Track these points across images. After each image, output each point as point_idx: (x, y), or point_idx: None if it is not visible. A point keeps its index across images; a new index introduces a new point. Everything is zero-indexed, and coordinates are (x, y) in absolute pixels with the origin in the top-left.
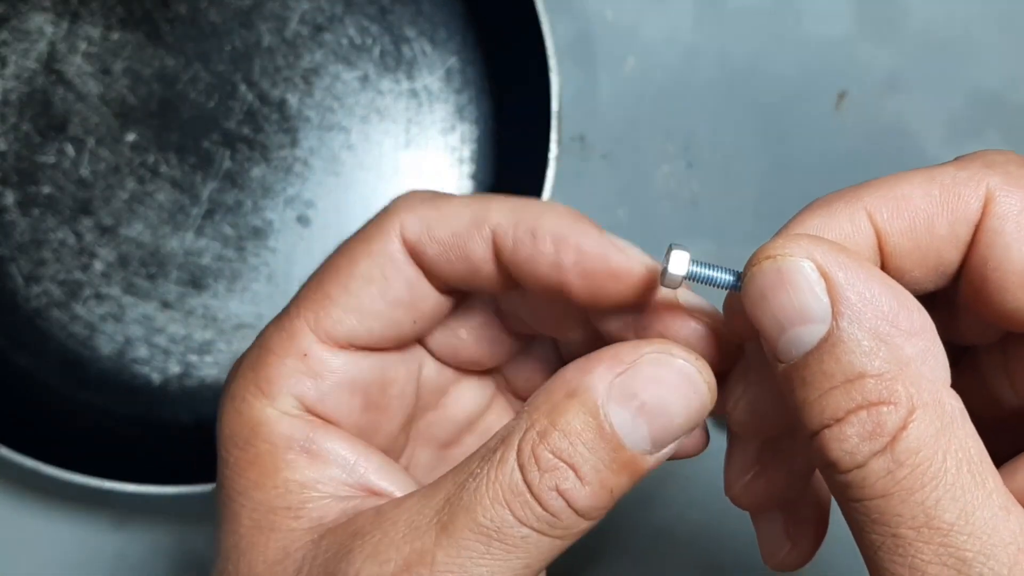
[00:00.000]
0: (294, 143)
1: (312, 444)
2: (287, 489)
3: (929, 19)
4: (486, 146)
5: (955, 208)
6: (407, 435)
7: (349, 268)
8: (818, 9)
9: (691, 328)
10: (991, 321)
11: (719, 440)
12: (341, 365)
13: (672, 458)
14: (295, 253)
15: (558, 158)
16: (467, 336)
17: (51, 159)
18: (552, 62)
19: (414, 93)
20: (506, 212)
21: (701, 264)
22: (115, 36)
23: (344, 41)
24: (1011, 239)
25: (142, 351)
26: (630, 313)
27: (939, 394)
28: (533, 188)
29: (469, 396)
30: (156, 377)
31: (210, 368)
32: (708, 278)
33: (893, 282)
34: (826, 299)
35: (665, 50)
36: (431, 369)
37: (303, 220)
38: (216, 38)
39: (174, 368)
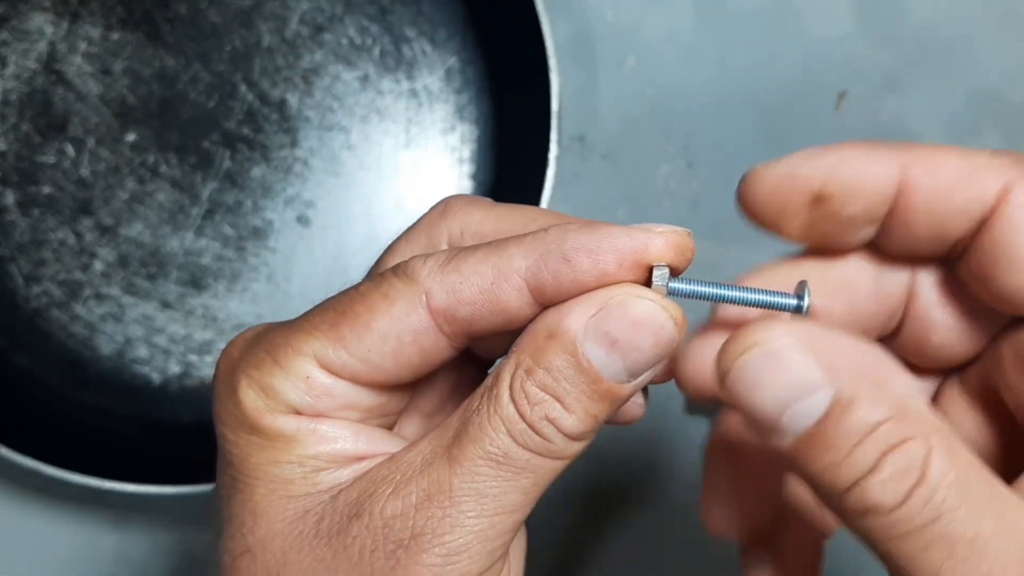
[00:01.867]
0: (294, 143)
1: (318, 427)
2: (301, 463)
3: (928, 19)
4: (486, 146)
5: (975, 186)
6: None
7: (368, 320)
8: (818, 9)
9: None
10: (991, 303)
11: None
12: (340, 392)
13: (611, 422)
14: (295, 253)
15: (558, 158)
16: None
17: (51, 159)
18: (552, 62)
19: (414, 93)
20: (527, 251)
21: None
22: (115, 36)
23: (344, 41)
24: (1020, 225)
25: (142, 351)
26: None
27: (935, 420)
28: (533, 188)
29: (451, 373)
30: (156, 377)
31: (210, 368)
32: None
33: (859, 337)
34: (821, 368)
35: (665, 50)
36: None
37: (303, 220)
38: (216, 38)
39: (174, 368)
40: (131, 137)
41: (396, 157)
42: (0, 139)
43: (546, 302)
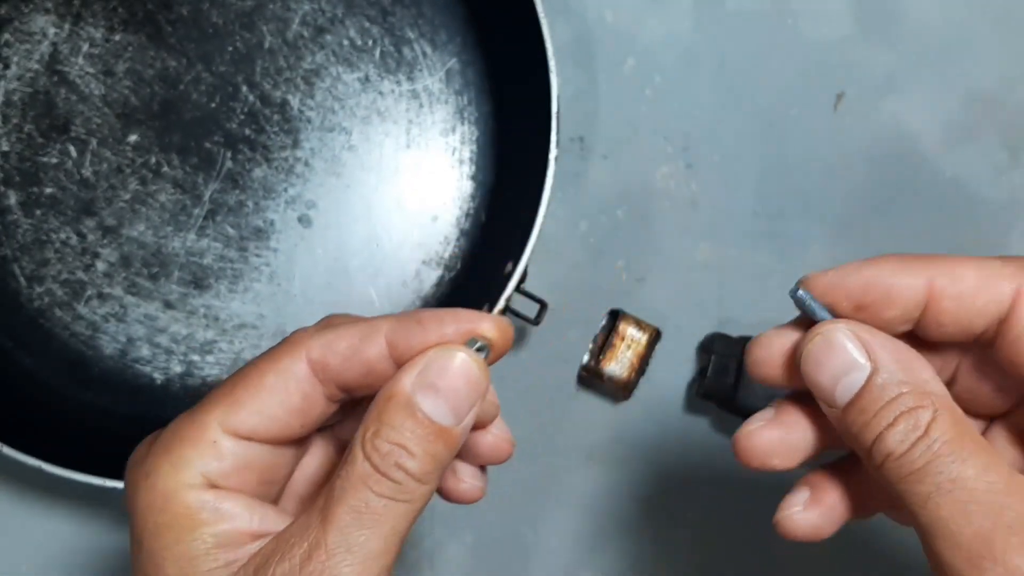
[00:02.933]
0: (295, 144)
1: (220, 504)
2: (203, 541)
3: (926, 21)
4: (486, 147)
5: (992, 292)
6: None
7: (259, 380)
8: (816, 11)
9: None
10: (1020, 379)
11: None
12: (242, 452)
13: (452, 500)
14: (296, 253)
15: (558, 159)
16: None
17: (54, 160)
18: (552, 64)
19: (415, 94)
20: (391, 320)
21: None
22: (117, 37)
23: (345, 43)
24: None
25: (144, 351)
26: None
27: (949, 401)
28: (533, 188)
29: (323, 465)
30: (158, 377)
31: (212, 368)
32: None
33: (900, 341)
34: (864, 354)
35: (664, 51)
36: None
37: (304, 220)
38: (218, 39)
39: (176, 368)
40: (133, 138)
41: (397, 158)
42: (3, 140)
43: (399, 359)
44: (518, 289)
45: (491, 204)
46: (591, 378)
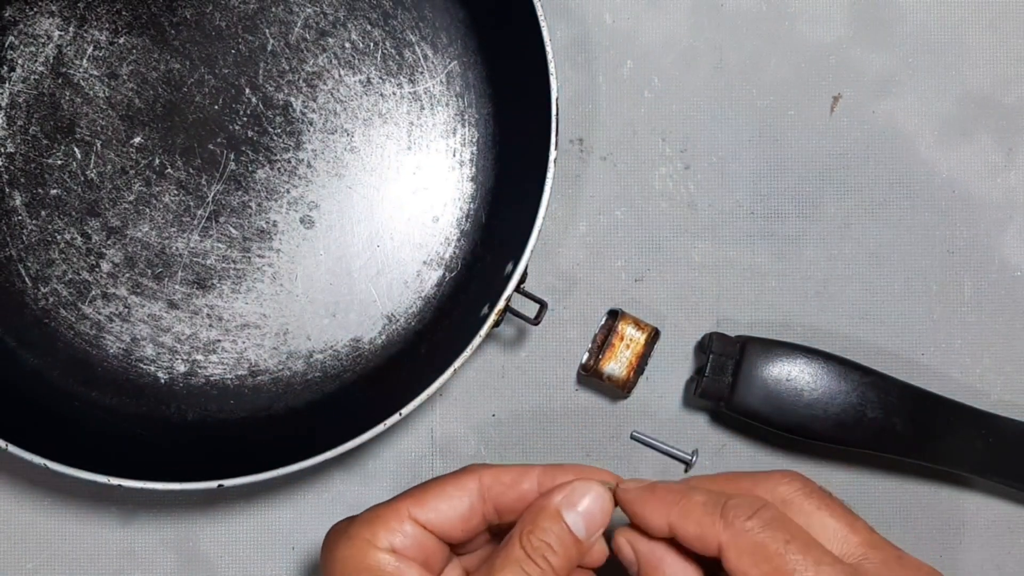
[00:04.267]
0: (298, 146)
1: (400, 564)
2: None
3: (922, 23)
4: (486, 149)
5: (709, 538)
6: None
7: (442, 488)
8: (813, 13)
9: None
10: None
11: None
12: (420, 537)
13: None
14: (299, 254)
15: (557, 160)
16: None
17: (58, 161)
18: (551, 67)
19: (416, 97)
20: (543, 466)
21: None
22: (121, 40)
23: (347, 45)
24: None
25: (148, 350)
26: None
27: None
28: (533, 190)
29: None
30: (162, 376)
31: (215, 367)
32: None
33: (656, 546)
34: (631, 553)
35: (663, 53)
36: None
37: (307, 221)
38: (221, 42)
39: (180, 367)
40: (137, 139)
41: (398, 159)
42: (8, 141)
43: (543, 491)
44: (518, 289)
45: (491, 205)
46: (590, 377)
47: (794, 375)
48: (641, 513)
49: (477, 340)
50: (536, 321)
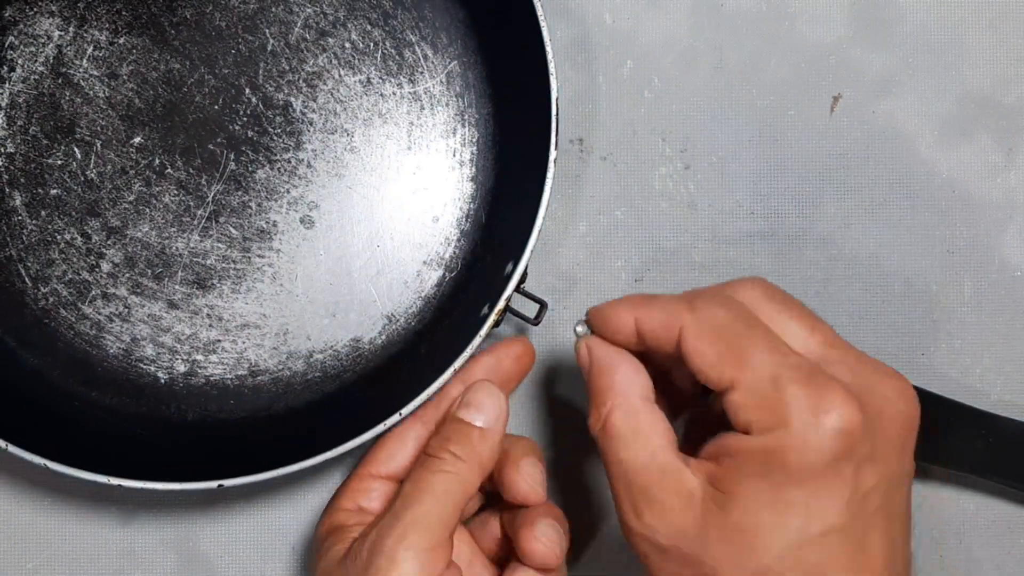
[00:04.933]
0: (298, 146)
1: (362, 516)
2: None
3: (922, 23)
4: (486, 149)
5: (672, 323)
6: None
7: (387, 441)
8: (813, 13)
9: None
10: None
11: None
12: (392, 487)
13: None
14: (299, 254)
15: (557, 160)
16: None
17: (58, 161)
18: (551, 67)
19: (416, 97)
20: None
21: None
22: (121, 40)
23: (347, 45)
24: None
25: (148, 350)
26: None
27: (630, 398)
28: (533, 190)
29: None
30: (162, 376)
31: (215, 367)
32: None
33: (613, 351)
34: (587, 358)
35: (663, 53)
36: None
37: (307, 221)
38: (221, 42)
39: (180, 367)
40: (137, 140)
41: (398, 159)
42: (8, 141)
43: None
44: (518, 289)
45: (491, 205)
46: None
47: None
48: (608, 312)
49: (477, 340)
50: (536, 321)
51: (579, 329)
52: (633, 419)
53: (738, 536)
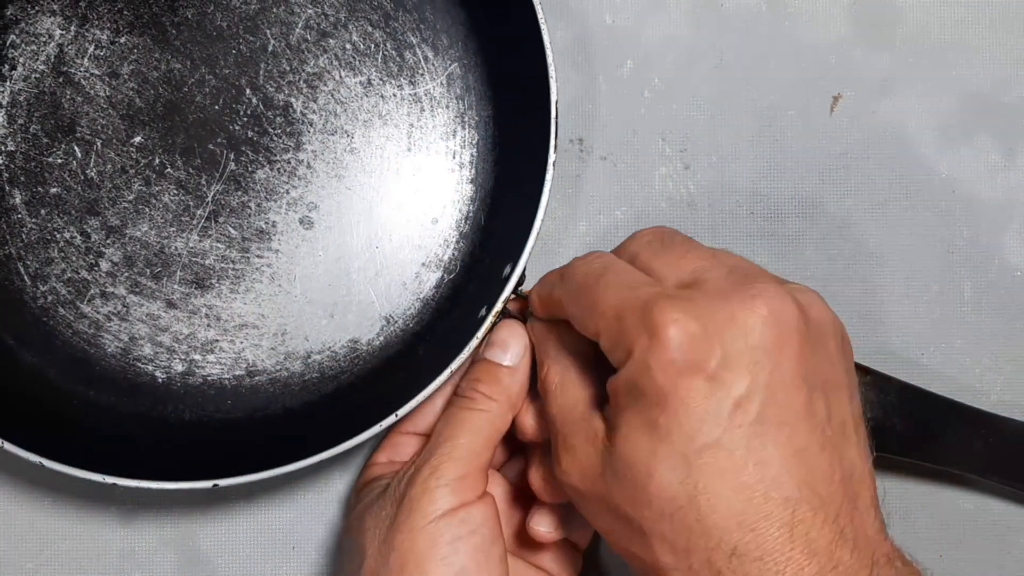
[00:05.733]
0: (298, 146)
1: (390, 466)
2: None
3: (922, 22)
4: (486, 151)
5: (555, 294)
6: None
7: (422, 406)
8: (813, 13)
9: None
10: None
11: None
12: (416, 443)
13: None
14: (298, 254)
15: (556, 161)
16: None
17: (59, 160)
18: (552, 71)
19: (416, 98)
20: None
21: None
22: (123, 40)
23: (348, 47)
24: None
25: (147, 349)
26: None
27: (560, 359)
28: (532, 193)
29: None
30: (160, 375)
31: (213, 367)
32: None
33: (546, 326)
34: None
35: (663, 53)
36: None
37: (306, 222)
38: (222, 42)
39: (178, 367)
40: (137, 139)
41: (398, 161)
42: (9, 140)
43: None
44: (516, 292)
45: (490, 207)
46: None
47: None
48: (530, 295)
49: (474, 342)
50: None
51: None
52: (561, 375)
53: (626, 468)
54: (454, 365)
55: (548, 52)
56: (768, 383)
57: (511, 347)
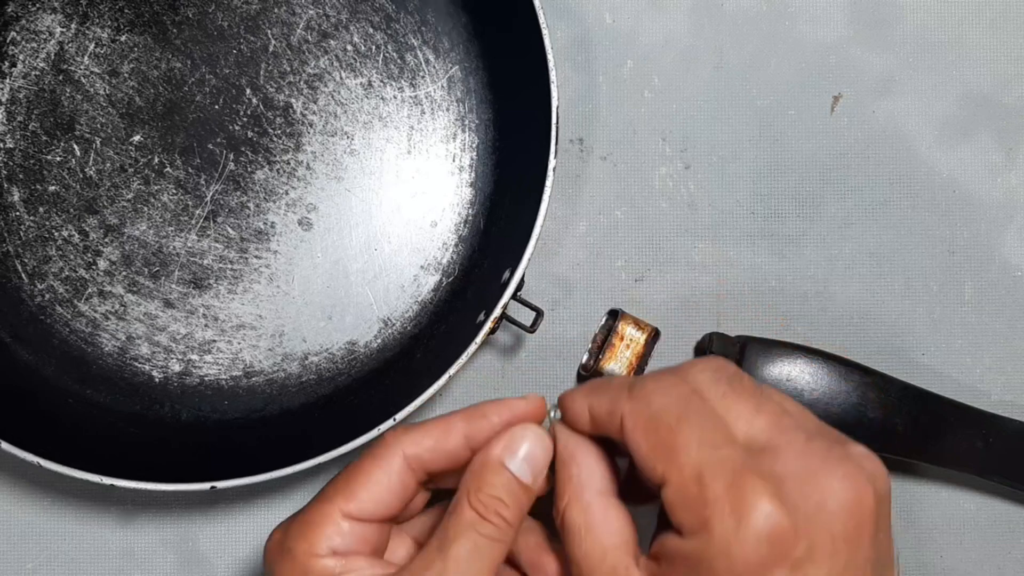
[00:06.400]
0: (297, 147)
1: (347, 563)
2: None
3: (922, 22)
4: (486, 154)
5: (616, 410)
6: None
7: (367, 475)
8: (813, 13)
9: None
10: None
11: None
12: (358, 530)
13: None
14: (296, 256)
15: (557, 158)
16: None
17: (58, 158)
18: (552, 75)
19: (417, 101)
20: (462, 415)
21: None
22: (123, 38)
23: (349, 48)
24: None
25: (144, 349)
26: None
27: (584, 493)
28: (532, 197)
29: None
30: (157, 375)
31: (210, 367)
32: None
33: (574, 441)
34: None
35: (663, 53)
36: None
37: (305, 223)
38: (223, 42)
39: (175, 367)
40: (137, 138)
41: (398, 163)
42: (8, 137)
43: (474, 447)
44: (515, 297)
45: (490, 211)
46: (590, 377)
47: (794, 375)
48: (567, 399)
49: (472, 348)
50: (532, 329)
51: (552, 414)
52: (586, 515)
53: None
54: (452, 370)
55: (550, 57)
56: (842, 572)
57: (537, 464)
